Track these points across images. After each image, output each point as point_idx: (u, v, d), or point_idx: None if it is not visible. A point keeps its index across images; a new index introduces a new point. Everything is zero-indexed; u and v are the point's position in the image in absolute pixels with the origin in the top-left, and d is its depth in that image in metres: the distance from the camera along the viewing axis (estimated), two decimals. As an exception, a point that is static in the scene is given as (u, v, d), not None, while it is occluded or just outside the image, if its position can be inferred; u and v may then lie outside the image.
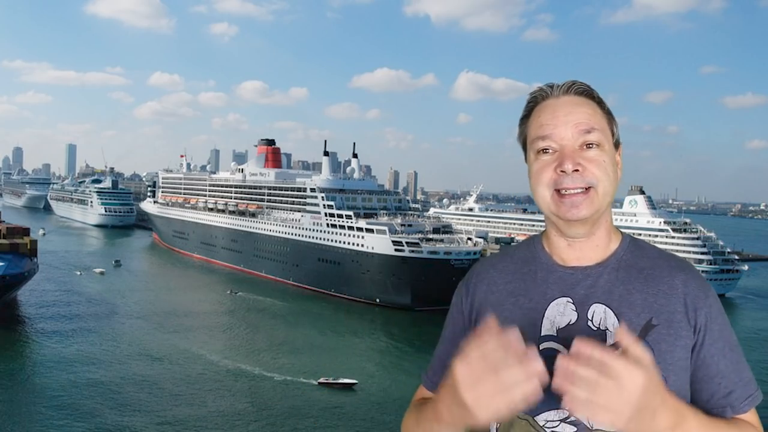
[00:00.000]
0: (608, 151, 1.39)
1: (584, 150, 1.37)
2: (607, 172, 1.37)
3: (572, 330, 1.39)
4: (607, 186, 1.37)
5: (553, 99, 1.43)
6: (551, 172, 1.38)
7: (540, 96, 1.46)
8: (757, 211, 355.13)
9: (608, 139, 1.41)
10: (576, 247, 1.46)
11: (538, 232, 1.59)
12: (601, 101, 1.45)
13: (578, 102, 1.41)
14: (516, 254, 1.57)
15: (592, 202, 1.37)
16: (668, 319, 1.37)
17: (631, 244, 1.49)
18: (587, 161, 1.36)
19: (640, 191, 70.80)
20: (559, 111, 1.40)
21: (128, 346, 37.89)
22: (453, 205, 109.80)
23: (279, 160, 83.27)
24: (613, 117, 1.46)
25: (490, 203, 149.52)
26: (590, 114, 1.40)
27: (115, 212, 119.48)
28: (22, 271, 42.40)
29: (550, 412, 1.36)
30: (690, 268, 1.46)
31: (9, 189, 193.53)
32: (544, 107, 1.43)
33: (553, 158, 1.39)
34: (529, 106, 1.48)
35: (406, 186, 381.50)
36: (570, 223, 1.40)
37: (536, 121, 1.43)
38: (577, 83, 1.44)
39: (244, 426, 27.09)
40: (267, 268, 66.66)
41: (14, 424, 25.94)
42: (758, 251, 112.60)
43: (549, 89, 1.45)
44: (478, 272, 1.59)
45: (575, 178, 1.35)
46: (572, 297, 1.42)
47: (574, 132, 1.38)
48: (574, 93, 1.43)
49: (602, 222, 1.44)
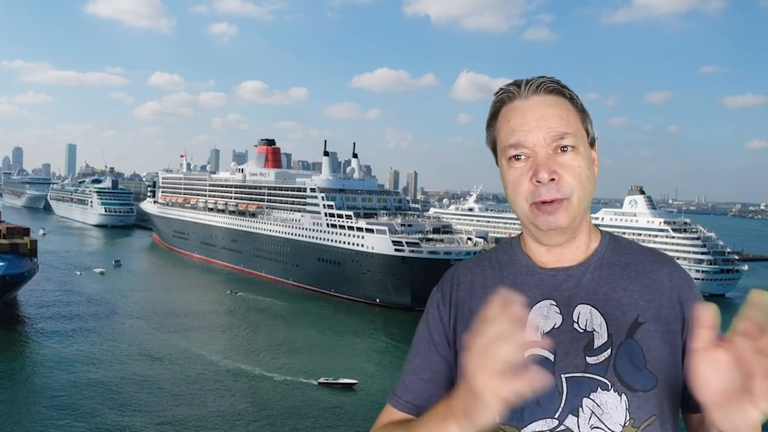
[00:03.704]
0: (583, 153, 1.34)
1: (558, 154, 1.31)
2: (581, 179, 1.32)
3: (558, 333, 1.33)
4: (581, 193, 1.33)
5: (522, 100, 1.35)
6: (528, 183, 1.32)
7: (507, 97, 1.37)
8: (757, 211, 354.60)
9: (583, 140, 1.35)
10: (556, 250, 1.41)
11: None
12: (573, 97, 1.37)
13: (549, 103, 1.34)
14: (494, 257, 1.50)
15: (568, 211, 1.32)
16: (655, 315, 1.34)
17: (611, 242, 1.44)
18: (562, 168, 1.30)
19: (640, 191, 70.69)
20: (529, 115, 1.33)
21: (128, 346, 37.86)
22: (453, 205, 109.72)
23: (279, 160, 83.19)
24: (587, 113, 1.39)
25: (490, 203, 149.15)
26: (562, 117, 1.33)
27: (115, 212, 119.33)
28: (22, 271, 42.36)
29: (539, 422, 1.29)
30: (672, 261, 1.43)
31: (9, 189, 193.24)
32: (513, 110, 1.35)
33: (527, 166, 1.32)
34: (495, 106, 1.40)
35: (406, 186, 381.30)
36: (549, 232, 1.35)
37: (506, 125, 1.36)
38: (546, 80, 1.35)
39: (244, 426, 27.08)
40: (267, 268, 66.62)
41: (14, 424, 25.92)
42: (758, 251, 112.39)
43: (516, 89, 1.36)
44: (454, 276, 1.49)
45: (550, 188, 1.30)
46: (555, 299, 1.37)
47: (546, 137, 1.31)
48: (544, 92, 1.34)
49: (582, 226, 1.40)
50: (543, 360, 1.32)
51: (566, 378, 1.30)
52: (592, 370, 1.30)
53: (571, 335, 1.34)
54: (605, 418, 1.27)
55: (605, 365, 1.30)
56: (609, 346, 1.32)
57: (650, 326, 1.33)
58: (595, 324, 1.34)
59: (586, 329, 1.34)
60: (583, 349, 1.32)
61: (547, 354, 1.32)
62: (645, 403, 1.29)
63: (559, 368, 1.31)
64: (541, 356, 1.32)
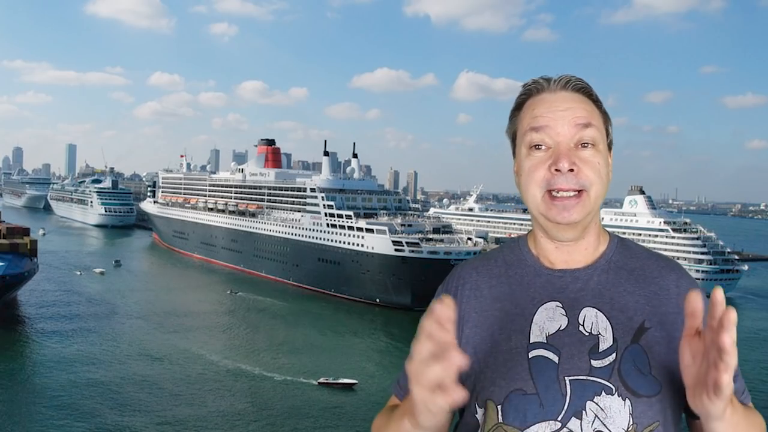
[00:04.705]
0: (602, 151, 1.35)
1: (579, 149, 1.32)
2: (601, 175, 1.33)
3: (563, 335, 1.33)
4: (599, 189, 1.33)
5: (549, 93, 1.37)
6: (544, 171, 1.32)
7: (535, 89, 1.39)
8: (757, 211, 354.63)
9: (603, 140, 1.36)
10: (564, 250, 1.40)
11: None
12: (598, 100, 1.39)
13: (576, 99, 1.36)
14: (500, 256, 1.48)
15: (584, 206, 1.32)
16: (661, 321, 1.34)
17: (619, 245, 1.44)
18: (582, 162, 1.31)
19: (640, 191, 70.69)
20: (556, 105, 1.35)
21: (128, 346, 37.86)
22: (453, 205, 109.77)
23: (279, 160, 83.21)
24: (609, 118, 1.41)
25: (490, 203, 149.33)
26: (588, 111, 1.35)
27: (115, 212, 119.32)
28: (22, 271, 42.36)
29: (542, 423, 1.28)
30: (680, 267, 1.43)
31: (9, 189, 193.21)
32: (540, 100, 1.37)
33: (547, 155, 1.33)
34: (521, 98, 1.41)
35: (406, 186, 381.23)
36: (559, 226, 1.34)
37: (530, 113, 1.37)
38: (574, 79, 1.38)
39: (244, 426, 27.08)
40: (267, 268, 66.63)
41: (14, 424, 25.92)
42: (758, 251, 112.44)
43: (545, 82, 1.39)
44: (459, 276, 1.48)
45: (569, 178, 1.30)
46: (561, 301, 1.36)
47: (570, 128, 1.32)
48: (572, 89, 1.37)
49: (592, 225, 1.39)
50: (546, 361, 1.31)
51: (570, 380, 1.30)
52: (597, 374, 1.29)
53: (576, 338, 1.33)
54: (608, 422, 1.27)
55: (610, 369, 1.30)
56: (614, 350, 1.31)
57: (656, 332, 1.33)
58: (601, 327, 1.33)
59: (592, 332, 1.33)
60: (588, 352, 1.31)
61: (551, 356, 1.32)
62: (648, 408, 1.28)
63: (563, 370, 1.30)
64: (544, 358, 1.31)
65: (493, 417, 1.32)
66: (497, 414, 1.32)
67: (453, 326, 1.07)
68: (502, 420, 1.31)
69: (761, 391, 30.61)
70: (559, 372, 1.30)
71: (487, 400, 1.34)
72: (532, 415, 1.28)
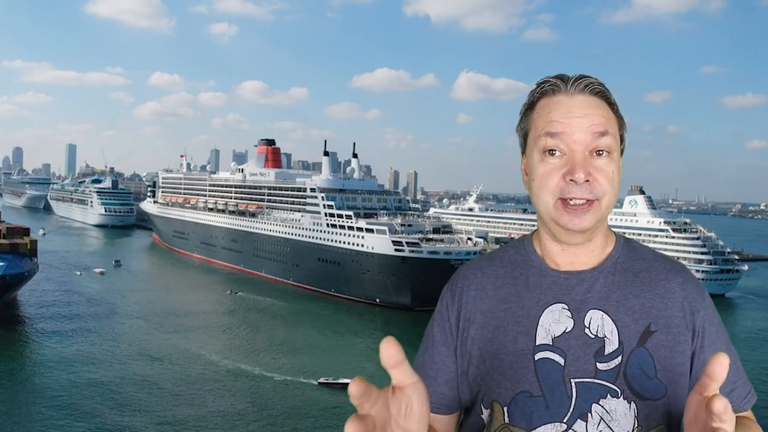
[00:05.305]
0: (616, 159, 1.32)
1: (594, 157, 1.30)
2: (613, 184, 1.31)
3: (568, 338, 1.32)
4: (611, 198, 1.32)
5: (566, 96, 1.33)
6: (558, 179, 1.30)
7: (551, 89, 1.35)
8: (757, 211, 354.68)
9: (618, 147, 1.34)
10: (570, 251, 1.39)
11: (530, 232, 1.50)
12: (614, 104, 1.36)
13: (594, 104, 1.32)
14: (505, 257, 1.47)
15: (596, 214, 1.31)
16: (666, 324, 1.34)
17: (625, 246, 1.43)
18: (597, 171, 1.29)
19: (640, 191, 70.68)
20: (573, 111, 1.31)
21: (128, 346, 37.86)
22: (453, 205, 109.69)
23: (279, 160, 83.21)
24: (624, 122, 1.38)
25: (490, 203, 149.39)
26: (605, 117, 1.32)
27: (115, 212, 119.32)
28: (22, 271, 42.36)
29: (548, 425, 1.28)
30: (685, 270, 1.43)
31: (9, 189, 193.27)
32: (556, 103, 1.33)
33: (561, 162, 1.30)
34: (535, 96, 1.38)
35: (406, 186, 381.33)
36: (570, 232, 1.33)
37: (546, 116, 1.33)
38: (593, 82, 1.34)
39: (244, 426, 27.09)
40: (267, 268, 66.64)
41: (14, 424, 25.92)
42: (758, 251, 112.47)
43: (562, 83, 1.34)
44: (464, 276, 1.46)
45: (584, 188, 1.28)
46: (567, 303, 1.35)
47: (587, 136, 1.29)
48: (590, 93, 1.33)
49: (599, 228, 1.37)
50: (553, 364, 1.32)
51: (576, 383, 1.30)
52: (602, 377, 1.30)
53: (581, 340, 1.33)
54: (614, 425, 1.27)
55: (615, 372, 1.30)
56: (620, 353, 1.31)
57: (661, 335, 1.33)
58: (607, 330, 1.33)
59: (597, 335, 1.33)
60: (593, 355, 1.31)
61: (557, 358, 1.32)
62: (654, 411, 1.29)
63: (569, 372, 1.30)
64: (550, 360, 1.32)
65: (500, 418, 1.33)
66: (504, 415, 1.32)
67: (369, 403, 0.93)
68: (508, 421, 1.32)
69: (761, 391, 30.59)
70: (565, 374, 1.30)
71: (493, 401, 1.34)
72: (538, 417, 1.29)
